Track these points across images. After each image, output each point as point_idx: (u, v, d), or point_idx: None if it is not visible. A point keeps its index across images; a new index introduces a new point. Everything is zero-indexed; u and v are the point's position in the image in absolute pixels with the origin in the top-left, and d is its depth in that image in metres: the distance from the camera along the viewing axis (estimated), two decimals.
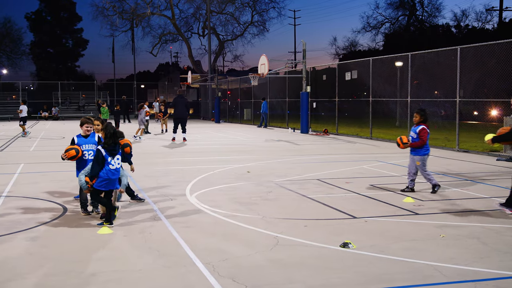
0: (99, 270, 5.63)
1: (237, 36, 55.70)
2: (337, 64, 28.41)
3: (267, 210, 8.55)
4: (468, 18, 63.93)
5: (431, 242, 6.65)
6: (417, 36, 54.19)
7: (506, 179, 11.66)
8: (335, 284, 5.17)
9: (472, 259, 5.94)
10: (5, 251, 6.34)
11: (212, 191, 10.30)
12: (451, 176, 12.13)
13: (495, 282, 5.22)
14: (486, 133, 8.79)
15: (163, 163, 14.66)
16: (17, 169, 13.64)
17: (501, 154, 16.03)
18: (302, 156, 16.41)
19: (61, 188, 10.59)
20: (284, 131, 29.00)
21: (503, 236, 6.93)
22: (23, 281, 5.31)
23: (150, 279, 5.35)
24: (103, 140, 7.64)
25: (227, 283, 5.21)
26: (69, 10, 72.52)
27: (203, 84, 49.37)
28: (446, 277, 5.34)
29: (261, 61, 27.62)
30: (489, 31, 51.27)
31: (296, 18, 70.77)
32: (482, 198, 9.55)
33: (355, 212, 8.28)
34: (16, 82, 56.57)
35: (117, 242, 6.72)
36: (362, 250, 6.27)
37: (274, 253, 6.18)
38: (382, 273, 5.47)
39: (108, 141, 7.56)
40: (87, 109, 52.64)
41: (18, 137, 24.98)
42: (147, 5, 51.25)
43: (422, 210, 8.49)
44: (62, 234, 7.12)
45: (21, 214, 8.28)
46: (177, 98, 22.45)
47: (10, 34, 64.74)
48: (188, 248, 6.40)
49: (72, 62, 75.99)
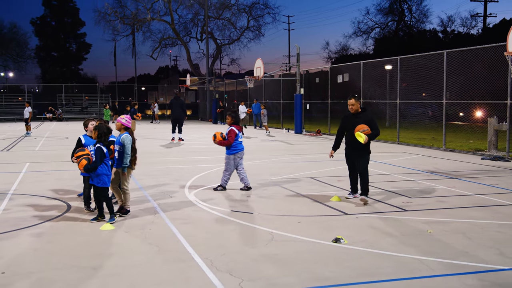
0: (101, 265, 5.62)
1: (234, 41, 55.74)
2: (329, 67, 28.41)
3: (262, 207, 8.55)
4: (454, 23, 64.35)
5: (418, 237, 6.66)
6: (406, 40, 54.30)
7: (490, 177, 11.70)
8: (327, 278, 5.17)
9: (457, 253, 5.96)
10: (11, 247, 6.32)
11: (209, 189, 10.29)
12: (438, 174, 12.16)
13: (479, 275, 5.23)
14: (472, 134, 8.86)
15: (162, 162, 14.63)
16: (23, 168, 13.59)
17: (485, 153, 16.08)
18: (296, 156, 16.41)
19: (65, 186, 10.56)
20: (279, 132, 29.00)
21: (487, 231, 6.95)
22: (28, 276, 5.29)
23: (150, 274, 5.34)
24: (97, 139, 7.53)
25: (225, 277, 5.21)
26: (72, 15, 72.30)
27: (201, 86, 49.32)
28: (432, 271, 5.35)
29: (257, 64, 27.60)
30: (474, 36, 51.38)
31: (290, 23, 70.87)
32: (467, 195, 9.58)
33: (346, 209, 8.29)
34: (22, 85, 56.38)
35: (118, 238, 6.71)
36: (353, 245, 6.28)
37: (269, 249, 6.18)
38: (372, 267, 5.48)
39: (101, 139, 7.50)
40: (90, 110, 52.49)
41: (23, 137, 24.89)
42: (148, 11, 51.22)
43: (410, 207, 8.51)
44: (66, 231, 7.10)
45: (27, 211, 8.26)
46: (174, 100, 22.46)
47: (16, 39, 64.51)
48: (187, 243, 6.40)
49: (75, 65, 75.73)
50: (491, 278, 5.16)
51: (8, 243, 6.51)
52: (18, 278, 5.22)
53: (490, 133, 16.56)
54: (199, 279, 5.17)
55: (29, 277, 5.25)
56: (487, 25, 48.40)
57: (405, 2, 56.67)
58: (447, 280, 5.09)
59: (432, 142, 20.01)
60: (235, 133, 9.93)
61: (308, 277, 5.19)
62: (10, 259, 5.85)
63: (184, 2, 51.65)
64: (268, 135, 25.96)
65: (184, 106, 22.57)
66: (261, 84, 34.27)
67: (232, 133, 9.92)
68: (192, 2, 51.25)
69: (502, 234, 6.82)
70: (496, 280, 5.10)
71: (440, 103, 18.34)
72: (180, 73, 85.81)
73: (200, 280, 5.15)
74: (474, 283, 5.01)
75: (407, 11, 57.27)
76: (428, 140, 20.89)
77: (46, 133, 29.14)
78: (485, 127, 18.54)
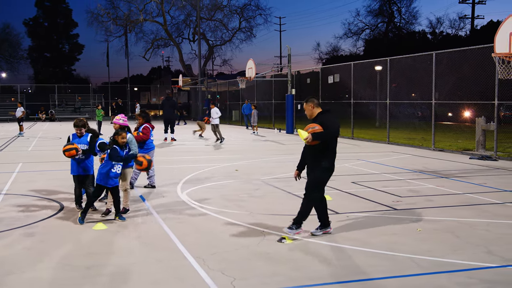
0: (94, 264, 5.59)
1: (226, 42, 55.67)
2: (320, 68, 28.48)
3: (254, 206, 8.55)
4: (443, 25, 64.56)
5: (408, 236, 6.69)
6: (396, 41, 54.49)
7: (478, 176, 11.77)
8: (318, 277, 5.18)
9: (446, 251, 5.99)
10: (4, 247, 6.27)
11: (202, 188, 10.27)
12: (427, 174, 12.21)
13: (468, 273, 5.26)
14: (460, 134, 8.86)
15: (154, 162, 14.55)
16: (16, 168, 13.50)
17: (474, 153, 16.17)
18: (288, 155, 16.41)
19: (57, 186, 10.49)
20: (271, 132, 29.00)
21: (476, 230, 6.99)
22: (21, 275, 5.26)
23: (143, 273, 5.32)
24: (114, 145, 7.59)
25: (217, 275, 5.20)
26: (65, 16, 71.87)
27: (193, 87, 49.22)
28: (422, 268, 5.37)
29: (249, 65, 27.59)
30: (462, 37, 51.67)
31: (281, 25, 70.76)
32: (456, 194, 9.62)
33: (338, 208, 8.30)
34: (14, 85, 55.89)
35: (111, 237, 6.68)
36: (344, 244, 6.29)
37: (261, 247, 6.17)
38: (363, 265, 5.49)
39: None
40: (83, 110, 52.21)
41: (16, 138, 24.72)
42: (140, 12, 51.04)
43: (401, 205, 8.53)
44: (59, 230, 7.06)
45: (19, 211, 8.20)
46: (165, 100, 22.58)
47: (9, 39, 64.01)
48: (180, 242, 6.38)
49: (68, 66, 75.31)
50: (479, 275, 5.19)
51: (1, 242, 6.46)
52: (11, 278, 5.18)
53: (478, 133, 16.66)
54: (191, 278, 5.16)
55: (22, 277, 5.21)
56: (475, 26, 48.69)
57: (395, 4, 56.90)
58: (436, 278, 5.11)
59: (421, 142, 20.09)
60: (149, 129, 10.11)
61: (300, 276, 5.20)
62: (2, 258, 5.81)
63: (176, 3, 51.57)
64: (256, 135, 25.97)
65: (176, 106, 22.55)
66: (253, 84, 34.25)
67: (146, 129, 10.07)
68: (184, 4, 51.15)
69: (490, 232, 6.86)
70: (484, 277, 5.13)
71: (430, 104, 18.42)
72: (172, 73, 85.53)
73: (193, 279, 5.14)
74: (463, 280, 5.04)
75: (397, 12, 57.51)
76: (417, 140, 20.97)
77: (39, 133, 28.96)
78: (473, 127, 18.65)
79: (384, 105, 21.77)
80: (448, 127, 25.14)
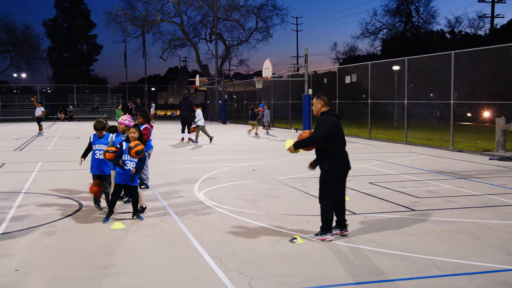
0: (112, 263, 5.64)
1: (243, 42, 55.66)
2: (337, 68, 28.34)
3: (271, 206, 8.54)
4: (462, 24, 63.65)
5: (427, 237, 6.62)
6: (413, 41, 53.96)
7: (498, 177, 11.61)
8: (335, 277, 5.15)
9: (466, 253, 5.92)
10: (25, 245, 6.35)
11: (219, 188, 10.30)
12: (446, 174, 12.08)
13: (488, 275, 5.19)
14: (480, 134, 8.72)
15: (172, 162, 14.66)
16: (36, 167, 13.67)
17: (493, 154, 15.96)
18: (304, 155, 16.32)
19: (77, 185, 10.60)
20: (287, 132, 28.95)
21: (495, 231, 6.89)
22: (42, 273, 5.32)
23: (160, 272, 5.35)
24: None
25: (234, 275, 5.20)
26: (84, 17, 72.61)
27: (210, 87, 49.36)
28: (441, 270, 5.32)
29: (265, 65, 27.56)
30: (482, 37, 51.00)
31: (298, 25, 70.64)
32: (475, 195, 9.51)
33: (355, 208, 8.26)
34: (34, 86, 56.60)
35: (129, 237, 6.73)
36: (362, 245, 6.25)
37: (278, 248, 6.16)
38: (380, 266, 5.45)
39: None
40: (101, 110, 52.70)
41: (36, 137, 25.03)
42: (157, 12, 51.29)
43: (419, 206, 8.46)
44: (78, 229, 7.13)
45: (40, 210, 8.30)
46: (182, 100, 22.70)
47: (28, 40, 64.79)
48: (197, 242, 6.40)
49: (86, 66, 76.06)
50: (500, 278, 5.12)
51: (22, 241, 6.54)
52: (31, 276, 5.25)
53: (498, 134, 16.44)
54: (208, 278, 5.17)
55: (43, 275, 5.27)
56: (494, 26, 48.03)
57: (413, 3, 56.34)
58: (456, 280, 5.05)
59: (440, 142, 19.89)
60: (149, 129, 10.06)
61: (318, 276, 5.18)
62: (23, 257, 5.88)
63: (193, 3, 51.72)
64: (267, 135, 25.95)
65: (192, 106, 22.63)
66: (269, 84, 34.24)
67: (147, 129, 10.06)
68: (201, 4, 51.28)
69: (509, 234, 6.76)
70: (504, 279, 5.06)
71: (448, 104, 18.24)
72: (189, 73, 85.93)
73: (210, 278, 5.15)
74: (483, 282, 4.97)
75: (415, 12, 56.95)
76: (436, 140, 20.76)
77: (58, 133, 29.29)
78: (493, 128, 18.39)
79: (402, 105, 21.61)
80: (467, 127, 24.86)
